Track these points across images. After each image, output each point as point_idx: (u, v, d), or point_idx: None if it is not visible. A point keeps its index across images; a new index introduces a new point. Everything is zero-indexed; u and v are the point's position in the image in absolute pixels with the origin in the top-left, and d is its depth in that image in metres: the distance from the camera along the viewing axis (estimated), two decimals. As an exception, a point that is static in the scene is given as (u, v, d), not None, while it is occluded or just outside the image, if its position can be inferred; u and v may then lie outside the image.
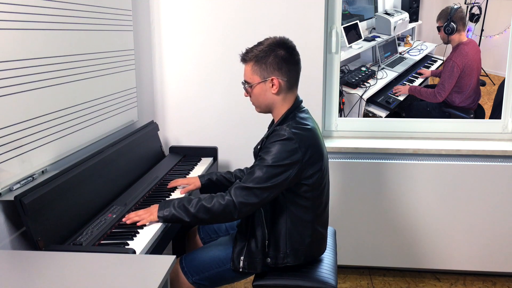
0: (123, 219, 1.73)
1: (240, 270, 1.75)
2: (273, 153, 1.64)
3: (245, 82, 1.78)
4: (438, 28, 2.87)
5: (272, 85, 1.72)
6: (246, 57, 1.75)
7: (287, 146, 1.64)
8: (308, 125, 1.72)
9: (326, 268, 1.84)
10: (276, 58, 1.71)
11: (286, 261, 1.75)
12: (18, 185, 1.55)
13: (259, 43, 1.76)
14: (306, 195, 1.72)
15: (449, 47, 2.87)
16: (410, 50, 2.98)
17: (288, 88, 1.75)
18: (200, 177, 2.09)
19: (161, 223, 1.72)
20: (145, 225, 1.71)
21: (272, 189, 1.65)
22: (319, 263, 1.85)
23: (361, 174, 2.70)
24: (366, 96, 2.94)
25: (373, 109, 2.97)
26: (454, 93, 2.89)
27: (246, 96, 1.82)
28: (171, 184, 2.09)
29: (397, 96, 2.97)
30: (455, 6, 2.80)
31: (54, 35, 1.74)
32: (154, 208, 1.73)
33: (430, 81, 3.00)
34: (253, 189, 1.64)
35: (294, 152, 1.64)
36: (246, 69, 1.76)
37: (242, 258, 1.75)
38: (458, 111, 2.91)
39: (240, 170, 2.13)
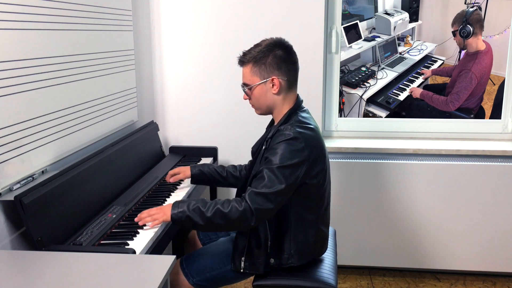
0: (135, 219, 1.69)
1: (241, 271, 1.75)
2: (280, 154, 1.62)
3: (245, 85, 1.76)
4: (453, 33, 2.80)
5: (273, 85, 1.71)
6: (244, 59, 1.74)
7: (293, 146, 1.63)
8: (311, 124, 1.72)
9: (326, 268, 1.84)
10: (275, 58, 1.71)
11: (290, 261, 1.74)
12: (18, 185, 1.55)
13: (256, 45, 1.75)
14: (310, 195, 1.72)
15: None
16: (410, 50, 2.98)
17: (288, 87, 1.75)
18: (192, 167, 2.09)
19: (161, 225, 1.72)
20: (145, 225, 1.70)
21: (285, 192, 1.63)
22: (319, 263, 1.85)
23: (361, 174, 2.70)
24: (366, 96, 2.94)
25: (373, 109, 2.97)
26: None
27: (245, 99, 1.80)
28: (168, 176, 2.11)
29: (397, 96, 2.97)
30: (471, 9, 2.72)
31: (54, 35, 1.74)
32: (167, 208, 1.66)
33: (430, 81, 3.00)
34: (267, 195, 1.60)
35: (301, 151, 1.63)
36: (245, 71, 1.75)
37: (243, 258, 1.74)
38: (459, 111, 2.91)
39: (233, 166, 2.11)
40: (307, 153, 1.64)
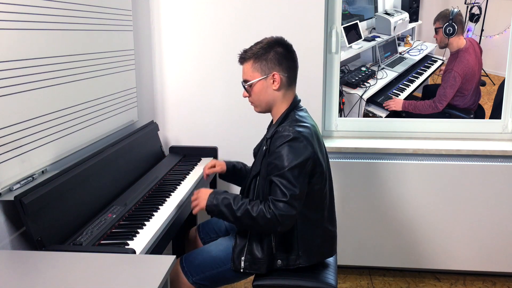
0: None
1: (241, 270, 1.75)
2: (285, 156, 1.63)
3: (245, 81, 1.79)
4: (436, 30, 2.85)
5: (273, 81, 1.74)
6: (245, 56, 1.77)
7: (295, 146, 1.64)
8: (307, 123, 1.73)
9: (326, 268, 1.83)
10: (277, 54, 1.74)
11: (298, 262, 1.74)
12: (18, 185, 1.55)
13: (257, 43, 1.78)
14: (314, 193, 1.73)
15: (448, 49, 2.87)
16: (410, 50, 2.98)
17: (288, 84, 1.77)
18: (227, 162, 2.11)
19: (161, 224, 1.72)
20: (145, 225, 1.71)
21: (301, 194, 1.64)
22: (319, 263, 1.85)
23: (361, 174, 2.70)
24: (366, 96, 2.94)
25: (373, 109, 2.97)
26: (456, 97, 2.88)
27: (245, 96, 1.82)
28: (205, 169, 2.12)
29: (397, 96, 2.97)
30: (455, 10, 2.78)
31: (54, 35, 1.74)
32: (205, 194, 1.75)
33: (430, 81, 3.00)
34: (287, 202, 1.61)
35: (304, 148, 1.65)
36: (246, 67, 1.78)
37: (242, 258, 1.75)
38: (458, 111, 2.91)
39: None
40: (310, 150, 1.66)
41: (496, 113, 2.84)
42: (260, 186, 1.76)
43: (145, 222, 1.73)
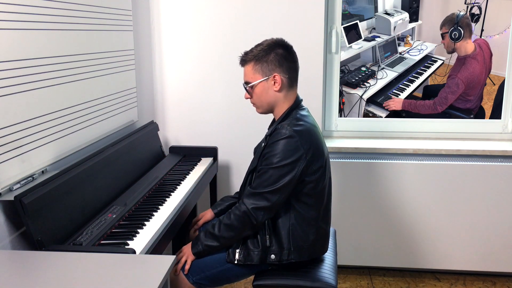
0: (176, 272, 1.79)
1: (236, 262, 1.76)
2: (277, 153, 1.67)
3: (246, 83, 1.80)
4: (442, 36, 2.83)
5: (274, 82, 1.75)
6: (246, 58, 1.78)
7: (289, 145, 1.66)
8: (307, 122, 1.75)
9: (326, 268, 1.84)
10: (277, 55, 1.75)
11: (290, 257, 1.76)
12: (18, 185, 1.55)
13: (258, 45, 1.79)
14: (310, 192, 1.74)
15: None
16: (410, 50, 2.98)
17: (289, 85, 1.78)
18: (212, 208, 2.10)
19: (161, 225, 1.72)
20: (145, 225, 1.71)
21: (281, 191, 1.68)
22: (319, 263, 1.85)
23: (361, 174, 2.70)
24: (366, 96, 2.94)
25: (373, 109, 2.97)
26: (459, 100, 2.87)
27: (247, 98, 1.83)
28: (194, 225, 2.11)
29: (397, 96, 2.97)
30: (461, 13, 2.75)
31: (54, 35, 1.74)
32: (187, 248, 1.80)
33: (430, 81, 3.00)
34: (262, 194, 1.68)
35: (297, 149, 1.67)
36: (247, 69, 1.79)
37: (238, 250, 1.77)
38: (459, 111, 2.91)
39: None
40: (303, 151, 1.67)
41: (496, 113, 2.84)
42: None
43: (145, 222, 1.74)
